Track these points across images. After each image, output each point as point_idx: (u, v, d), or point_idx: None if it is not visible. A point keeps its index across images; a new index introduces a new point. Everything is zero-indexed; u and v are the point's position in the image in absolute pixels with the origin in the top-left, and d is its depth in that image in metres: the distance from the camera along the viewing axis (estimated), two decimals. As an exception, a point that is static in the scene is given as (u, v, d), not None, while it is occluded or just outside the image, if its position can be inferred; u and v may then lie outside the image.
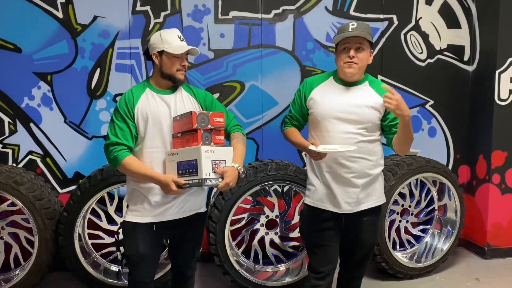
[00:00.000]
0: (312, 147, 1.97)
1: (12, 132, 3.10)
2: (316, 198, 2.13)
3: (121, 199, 2.99)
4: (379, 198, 2.15)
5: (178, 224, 1.99)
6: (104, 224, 2.98)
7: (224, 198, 2.80)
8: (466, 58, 3.67)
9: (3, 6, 2.97)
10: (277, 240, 3.13)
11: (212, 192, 3.28)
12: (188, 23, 3.22)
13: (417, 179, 3.33)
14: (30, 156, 3.14)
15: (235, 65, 3.31)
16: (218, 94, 3.29)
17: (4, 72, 3.02)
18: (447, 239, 3.33)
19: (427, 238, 3.42)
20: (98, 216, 2.98)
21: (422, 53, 3.57)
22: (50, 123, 3.13)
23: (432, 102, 3.64)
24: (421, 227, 3.46)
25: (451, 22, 3.60)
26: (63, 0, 3.05)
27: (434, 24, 3.57)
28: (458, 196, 3.30)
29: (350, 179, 2.05)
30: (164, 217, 1.95)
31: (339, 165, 2.04)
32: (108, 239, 3.00)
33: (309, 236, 2.20)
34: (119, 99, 1.95)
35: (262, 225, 3.10)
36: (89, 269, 2.82)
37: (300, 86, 2.22)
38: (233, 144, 2.01)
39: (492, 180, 3.52)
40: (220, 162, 1.83)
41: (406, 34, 3.52)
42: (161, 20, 3.19)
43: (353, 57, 2.00)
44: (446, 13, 3.57)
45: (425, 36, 3.56)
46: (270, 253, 3.12)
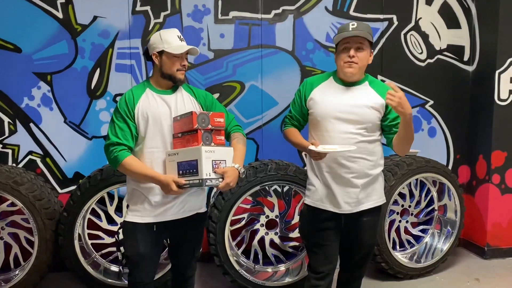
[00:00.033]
0: (312, 147, 1.97)
1: (12, 132, 3.10)
2: (316, 198, 2.13)
3: (121, 199, 2.99)
4: (379, 199, 2.15)
5: (178, 224, 1.99)
6: (104, 224, 2.98)
7: (224, 198, 2.80)
8: (466, 58, 3.67)
9: (3, 6, 2.97)
10: (277, 240, 3.13)
11: (212, 192, 3.28)
12: (188, 23, 3.22)
13: (417, 179, 3.33)
14: (30, 156, 3.14)
15: (235, 65, 3.31)
16: (218, 94, 3.29)
17: (4, 72, 3.02)
18: (447, 239, 3.33)
19: (427, 238, 3.42)
20: (98, 216, 2.98)
21: (422, 53, 3.57)
22: (50, 123, 3.13)
23: (432, 102, 3.65)
24: (421, 227, 3.46)
25: (451, 22, 3.60)
26: (63, 0, 3.05)
27: (434, 24, 3.57)
28: (458, 196, 3.30)
29: (350, 179, 2.05)
30: (164, 217, 1.95)
31: (339, 165, 2.04)
32: (108, 239, 3.00)
33: (309, 236, 2.20)
34: (119, 99, 1.95)
35: (262, 225, 3.10)
36: (89, 269, 2.81)
37: (300, 86, 2.22)
38: (233, 144, 2.01)
39: (492, 180, 3.52)
40: (220, 162, 1.83)
41: (406, 34, 3.52)
42: (161, 20, 3.19)
43: (353, 56, 2.00)
44: (446, 13, 3.57)
45: (425, 36, 3.56)
46: (270, 253, 3.12)
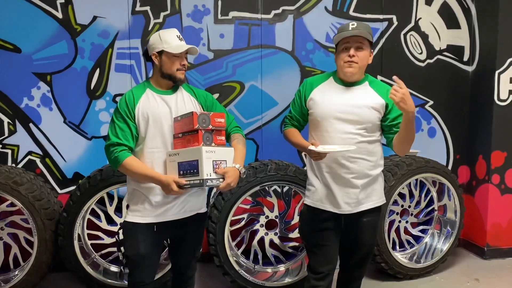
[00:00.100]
0: (312, 147, 1.97)
1: (11, 132, 3.09)
2: (316, 199, 2.13)
3: (120, 200, 2.99)
4: (379, 199, 2.15)
5: (179, 224, 1.99)
6: (103, 224, 2.98)
7: (223, 199, 2.80)
8: (465, 58, 3.67)
9: (3, 6, 2.96)
10: (276, 240, 3.13)
11: (212, 192, 3.28)
12: (187, 24, 3.22)
13: (416, 180, 3.33)
14: (29, 156, 3.13)
15: (235, 65, 3.31)
16: (218, 95, 3.29)
17: (3, 72, 3.01)
18: (447, 240, 3.33)
19: (427, 239, 3.43)
20: (98, 216, 2.98)
21: (421, 53, 3.57)
22: (50, 124, 3.12)
23: (431, 102, 3.65)
24: (420, 228, 3.46)
25: (451, 22, 3.60)
26: (63, 0, 3.05)
27: (433, 24, 3.57)
28: (457, 196, 3.30)
29: (350, 180, 2.04)
30: (164, 217, 1.95)
31: (339, 165, 2.04)
32: (107, 240, 3.00)
33: (308, 236, 2.20)
34: (120, 100, 1.95)
35: (261, 225, 3.10)
36: (88, 269, 2.81)
37: (300, 86, 2.22)
38: (233, 145, 2.01)
39: (491, 180, 3.52)
40: (221, 162, 1.83)
41: (405, 35, 3.52)
42: (160, 20, 3.18)
43: (353, 56, 1.99)
44: (446, 13, 3.57)
45: (424, 36, 3.56)
46: (270, 253, 3.12)
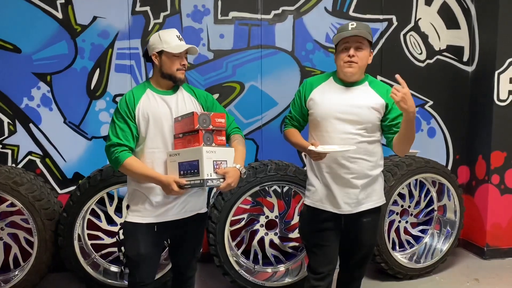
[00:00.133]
0: (311, 147, 1.97)
1: (11, 132, 3.09)
2: (316, 199, 2.13)
3: (120, 200, 2.99)
4: (379, 199, 2.15)
5: (179, 224, 1.99)
6: (103, 224, 2.98)
7: (223, 199, 2.80)
8: (465, 58, 3.67)
9: (3, 6, 2.96)
10: (276, 240, 3.13)
11: (212, 192, 3.28)
12: (187, 24, 3.22)
13: (416, 180, 3.34)
14: (29, 156, 3.13)
15: (235, 65, 3.31)
16: (218, 95, 3.29)
17: (3, 72, 3.01)
18: (447, 240, 3.34)
19: (427, 239, 3.43)
20: (98, 216, 2.98)
21: (421, 53, 3.57)
22: (50, 124, 3.12)
23: (431, 102, 3.65)
24: (420, 228, 3.46)
25: (451, 22, 3.60)
26: (63, 0, 3.05)
27: (433, 24, 3.57)
28: (457, 196, 3.30)
29: (350, 180, 2.04)
30: (165, 217, 1.95)
31: (339, 165, 2.04)
32: (107, 240, 3.00)
33: (308, 236, 2.20)
34: (120, 100, 1.95)
35: (261, 225, 3.10)
36: (88, 269, 2.81)
37: (300, 86, 2.22)
38: (233, 145, 2.01)
39: (491, 180, 3.52)
40: (221, 162, 1.83)
41: (405, 35, 3.52)
42: (160, 20, 3.18)
43: (353, 56, 1.99)
44: (446, 13, 3.58)
45: (424, 36, 3.56)
46: (270, 253, 3.12)
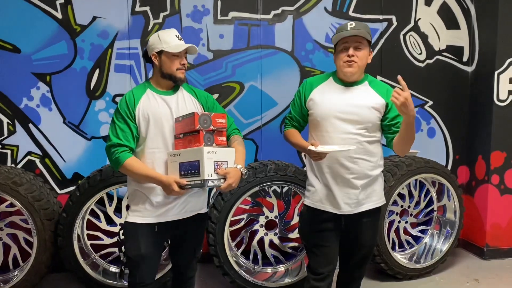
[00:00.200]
0: (311, 147, 1.97)
1: (11, 132, 3.09)
2: (315, 199, 2.13)
3: (120, 200, 2.99)
4: (379, 200, 2.15)
5: (179, 224, 1.99)
6: (103, 225, 2.98)
7: (223, 199, 2.80)
8: (465, 59, 3.67)
9: (3, 6, 2.96)
10: (276, 240, 3.13)
11: (211, 193, 3.28)
12: (187, 24, 3.22)
13: (416, 180, 3.33)
14: (29, 156, 3.13)
15: (235, 65, 3.31)
16: (218, 95, 3.29)
17: (3, 72, 3.01)
18: (446, 240, 3.33)
19: (426, 239, 3.43)
20: (97, 217, 2.98)
21: (421, 54, 3.57)
22: (49, 124, 3.12)
23: (431, 102, 3.65)
24: (420, 228, 3.46)
25: (450, 23, 3.60)
26: (62, 0, 3.05)
27: (433, 25, 3.57)
28: (457, 196, 3.30)
29: (350, 180, 2.04)
30: (165, 217, 1.95)
31: (340, 165, 2.04)
32: (107, 240, 3.00)
33: (308, 237, 2.20)
34: (120, 100, 1.95)
35: (261, 225, 3.10)
36: (88, 270, 2.81)
37: (299, 87, 2.22)
38: (233, 146, 2.01)
39: (491, 180, 3.52)
40: (222, 163, 1.83)
41: (405, 35, 3.52)
42: (160, 20, 3.18)
43: (352, 55, 1.99)
44: (445, 14, 3.58)
45: (424, 36, 3.56)
46: (270, 253, 3.11)
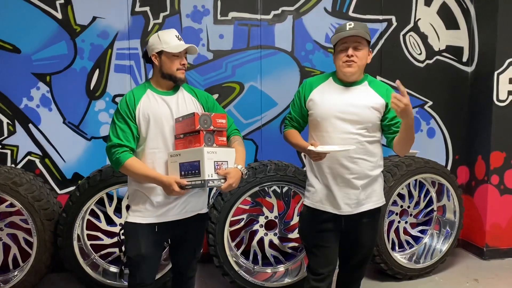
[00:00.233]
0: (311, 148, 1.96)
1: (11, 133, 3.09)
2: (315, 200, 2.12)
3: (120, 200, 2.99)
4: (379, 200, 2.15)
5: (180, 224, 1.99)
6: (103, 225, 2.98)
7: (223, 199, 2.80)
8: (465, 59, 3.68)
9: (2, 6, 2.96)
10: (276, 241, 3.13)
11: (211, 193, 3.28)
12: (187, 24, 3.22)
13: (416, 180, 3.34)
14: (29, 157, 3.13)
15: (234, 66, 3.31)
16: (217, 95, 3.29)
17: (3, 72, 3.01)
18: (446, 240, 3.33)
19: (426, 239, 3.43)
20: (97, 217, 2.98)
21: (421, 54, 3.57)
22: (49, 124, 3.12)
23: (431, 103, 3.65)
24: (420, 228, 3.46)
25: (450, 23, 3.61)
26: (62, 0, 3.05)
27: (433, 25, 3.57)
28: (457, 197, 3.30)
29: (351, 180, 2.04)
30: (166, 217, 1.95)
31: (341, 166, 2.04)
32: (107, 240, 3.00)
33: (308, 237, 2.20)
34: (120, 101, 1.95)
35: (261, 226, 3.10)
36: (88, 270, 2.81)
37: (299, 87, 2.22)
38: (233, 146, 2.01)
39: (491, 181, 3.52)
40: (222, 163, 1.83)
41: (405, 35, 3.53)
42: (160, 21, 3.18)
43: (351, 55, 1.99)
44: (445, 14, 3.58)
45: (424, 37, 3.56)
46: (269, 254, 3.12)
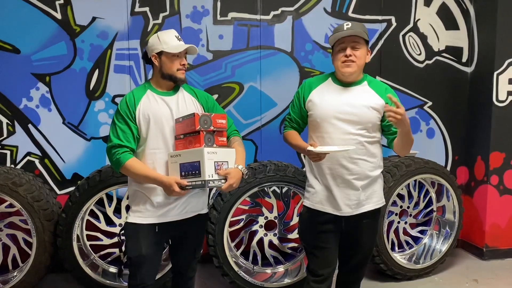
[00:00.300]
0: (310, 148, 1.96)
1: (10, 133, 3.09)
2: (315, 201, 2.12)
3: (119, 201, 2.99)
4: (379, 201, 2.14)
5: (180, 225, 1.99)
6: (102, 225, 2.98)
7: (223, 200, 2.80)
8: (464, 59, 3.68)
9: (2, 6, 2.96)
10: (275, 241, 3.13)
11: (211, 193, 3.28)
12: (186, 24, 3.22)
13: (415, 181, 3.34)
14: (28, 157, 3.13)
15: (234, 66, 3.31)
16: (217, 96, 3.29)
17: (2, 73, 3.01)
18: (446, 240, 3.34)
19: (426, 239, 3.43)
20: (97, 217, 2.98)
21: (420, 54, 3.57)
22: (49, 124, 3.12)
23: (430, 103, 3.65)
24: (419, 228, 3.46)
25: (450, 23, 3.61)
26: (62, 1, 3.05)
27: (432, 25, 3.57)
28: (456, 197, 3.31)
29: (351, 181, 2.04)
30: (166, 218, 1.95)
31: (341, 166, 2.03)
32: (106, 241, 3.00)
33: (308, 238, 2.19)
34: (120, 101, 1.95)
35: (261, 226, 3.10)
36: (87, 270, 2.81)
37: (299, 88, 2.22)
38: (233, 146, 2.01)
39: (490, 181, 3.52)
40: (222, 163, 1.83)
41: (404, 36, 3.53)
42: (159, 21, 3.18)
43: (350, 55, 1.99)
44: (445, 14, 3.58)
45: (423, 37, 3.57)
46: (269, 254, 3.11)
